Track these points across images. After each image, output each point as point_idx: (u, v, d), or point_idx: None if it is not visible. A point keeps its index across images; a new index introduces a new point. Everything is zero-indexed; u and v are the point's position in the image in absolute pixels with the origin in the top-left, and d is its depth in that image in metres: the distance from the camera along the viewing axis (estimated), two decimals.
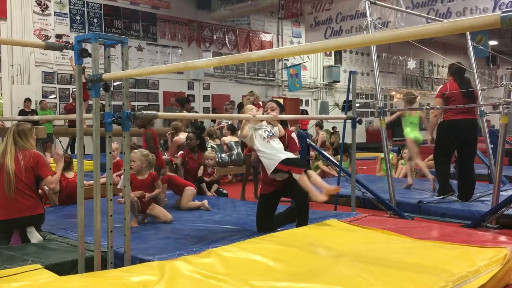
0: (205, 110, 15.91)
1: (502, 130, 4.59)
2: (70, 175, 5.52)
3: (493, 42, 19.72)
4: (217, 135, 7.80)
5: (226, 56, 2.07)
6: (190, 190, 5.23)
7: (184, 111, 9.67)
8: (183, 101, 10.98)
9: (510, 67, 4.54)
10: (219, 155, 7.30)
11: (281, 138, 4.06)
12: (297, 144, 4.24)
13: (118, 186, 4.48)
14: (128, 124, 2.90)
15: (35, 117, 7.49)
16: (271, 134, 3.92)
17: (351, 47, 1.58)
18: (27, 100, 11.52)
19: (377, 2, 5.95)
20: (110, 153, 2.98)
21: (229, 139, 7.49)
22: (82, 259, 2.91)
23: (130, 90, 13.96)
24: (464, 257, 2.58)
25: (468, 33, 7.16)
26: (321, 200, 3.51)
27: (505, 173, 5.60)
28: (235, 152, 7.43)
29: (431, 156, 6.36)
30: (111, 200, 2.92)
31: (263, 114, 4.11)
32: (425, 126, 6.56)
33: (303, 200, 3.88)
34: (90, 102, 2.97)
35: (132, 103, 13.83)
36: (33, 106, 11.73)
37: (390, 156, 8.59)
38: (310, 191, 3.55)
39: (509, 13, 1.25)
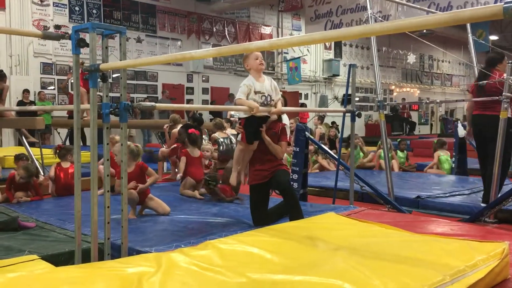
0: (204, 102, 15.89)
1: (502, 124, 4.57)
2: (66, 165, 5.53)
3: (493, 37, 19.66)
4: (224, 127, 7.75)
5: (224, 47, 2.05)
6: (190, 180, 5.63)
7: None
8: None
9: (510, 61, 4.52)
10: (227, 145, 7.27)
11: (275, 128, 4.05)
12: (287, 136, 4.23)
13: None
14: (126, 115, 2.88)
15: (33, 108, 7.47)
16: (266, 102, 3.81)
17: (350, 38, 1.56)
18: (26, 91, 11.48)
19: None
20: (107, 144, 2.96)
21: (218, 135, 7.52)
22: (79, 250, 2.90)
23: (129, 82, 13.97)
24: (462, 251, 2.58)
25: (468, 27, 7.14)
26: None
27: None
28: (222, 148, 7.44)
29: None
30: (108, 191, 2.91)
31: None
32: None
33: (287, 191, 3.86)
34: None
35: (131, 95, 13.80)
36: (31, 97, 11.69)
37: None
38: None
39: (511, 4, 1.23)
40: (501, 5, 1.26)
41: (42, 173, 6.11)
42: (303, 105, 17.42)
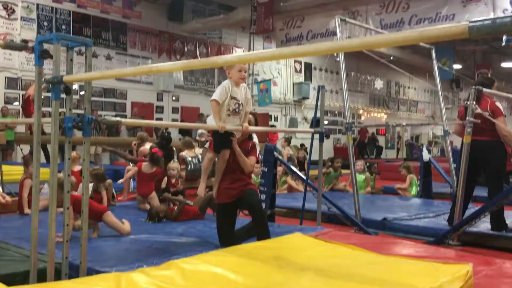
0: (174, 121, 15.74)
1: (465, 149, 4.66)
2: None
3: (457, 66, 20.34)
4: (193, 146, 7.68)
5: (193, 60, 2.02)
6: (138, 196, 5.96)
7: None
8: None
9: (473, 86, 4.64)
10: (194, 164, 7.21)
11: (245, 145, 4.02)
12: (257, 152, 4.21)
13: None
14: (89, 129, 2.79)
15: None
16: (237, 110, 3.77)
17: (319, 54, 1.55)
18: None
19: (347, 20, 6.03)
20: (69, 159, 2.86)
21: (186, 154, 7.46)
22: (34, 270, 2.76)
23: (98, 99, 13.74)
24: (427, 273, 2.58)
25: (433, 54, 7.35)
26: None
27: None
28: (190, 167, 7.37)
29: None
30: (68, 208, 2.79)
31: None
32: None
33: (257, 211, 3.83)
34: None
35: (99, 112, 13.54)
36: None
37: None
38: None
39: (477, 23, 1.25)
40: (466, 24, 1.27)
41: (1, 189, 5.89)
42: (273, 126, 17.50)
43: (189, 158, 7.32)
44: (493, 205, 4.41)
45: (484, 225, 4.88)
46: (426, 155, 7.77)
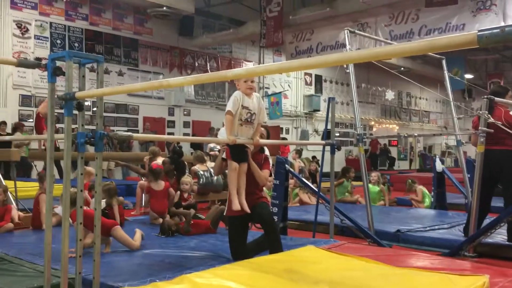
0: (185, 136, 15.84)
1: (479, 158, 4.61)
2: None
3: (468, 76, 20.24)
4: (205, 160, 7.71)
5: (202, 75, 2.04)
6: (152, 213, 5.91)
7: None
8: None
9: (485, 96, 4.60)
10: (206, 178, 7.23)
11: (258, 159, 4.02)
12: (270, 165, 4.19)
13: None
14: (101, 144, 2.81)
15: (6, 138, 7.32)
16: (250, 119, 3.71)
17: (328, 65, 1.56)
18: (2, 123, 11.28)
19: (356, 32, 6.05)
20: (81, 174, 2.88)
21: (198, 167, 7.50)
22: (48, 286, 2.77)
23: (110, 115, 13.89)
24: (442, 285, 2.54)
25: (444, 64, 7.32)
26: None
27: None
28: (202, 181, 7.39)
29: None
30: (81, 223, 2.81)
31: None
32: None
33: (269, 224, 3.80)
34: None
35: (111, 128, 13.67)
36: (8, 130, 11.49)
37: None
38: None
39: (485, 32, 1.24)
40: (475, 33, 1.27)
41: (15, 205, 5.94)
42: (284, 139, 17.51)
43: (201, 172, 7.35)
44: (508, 215, 4.35)
45: (500, 236, 4.81)
46: (439, 166, 7.70)
